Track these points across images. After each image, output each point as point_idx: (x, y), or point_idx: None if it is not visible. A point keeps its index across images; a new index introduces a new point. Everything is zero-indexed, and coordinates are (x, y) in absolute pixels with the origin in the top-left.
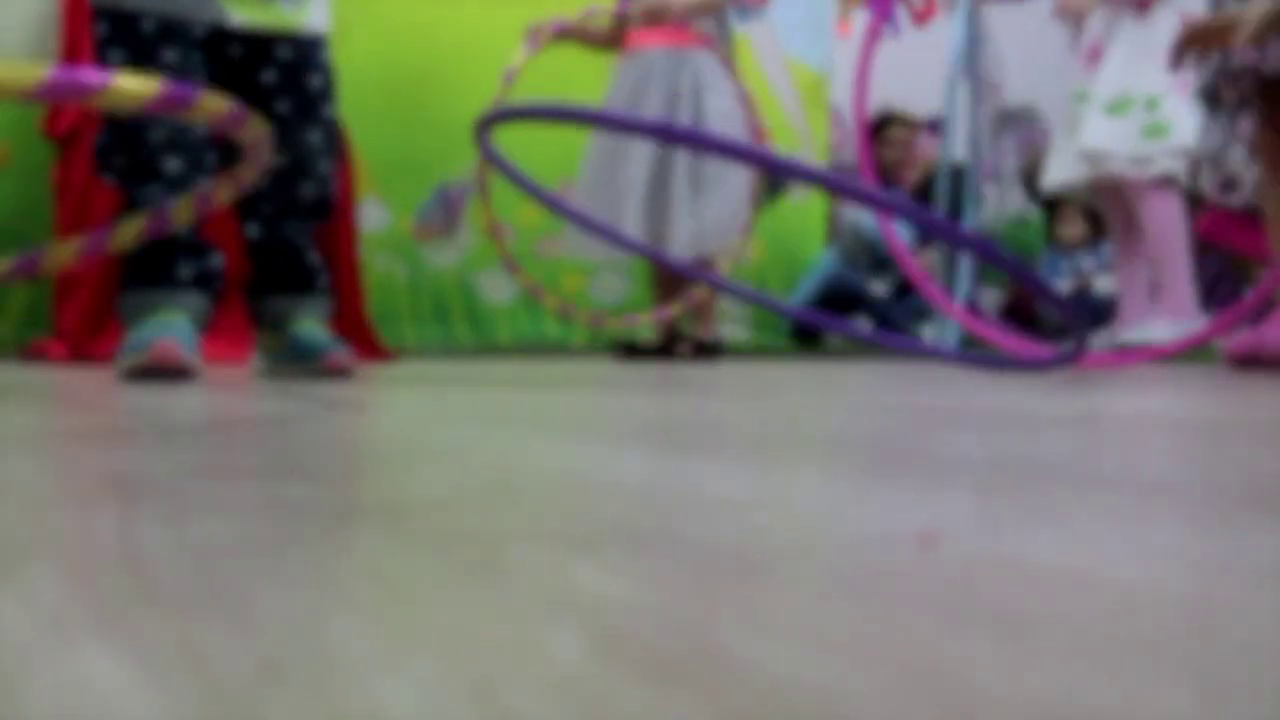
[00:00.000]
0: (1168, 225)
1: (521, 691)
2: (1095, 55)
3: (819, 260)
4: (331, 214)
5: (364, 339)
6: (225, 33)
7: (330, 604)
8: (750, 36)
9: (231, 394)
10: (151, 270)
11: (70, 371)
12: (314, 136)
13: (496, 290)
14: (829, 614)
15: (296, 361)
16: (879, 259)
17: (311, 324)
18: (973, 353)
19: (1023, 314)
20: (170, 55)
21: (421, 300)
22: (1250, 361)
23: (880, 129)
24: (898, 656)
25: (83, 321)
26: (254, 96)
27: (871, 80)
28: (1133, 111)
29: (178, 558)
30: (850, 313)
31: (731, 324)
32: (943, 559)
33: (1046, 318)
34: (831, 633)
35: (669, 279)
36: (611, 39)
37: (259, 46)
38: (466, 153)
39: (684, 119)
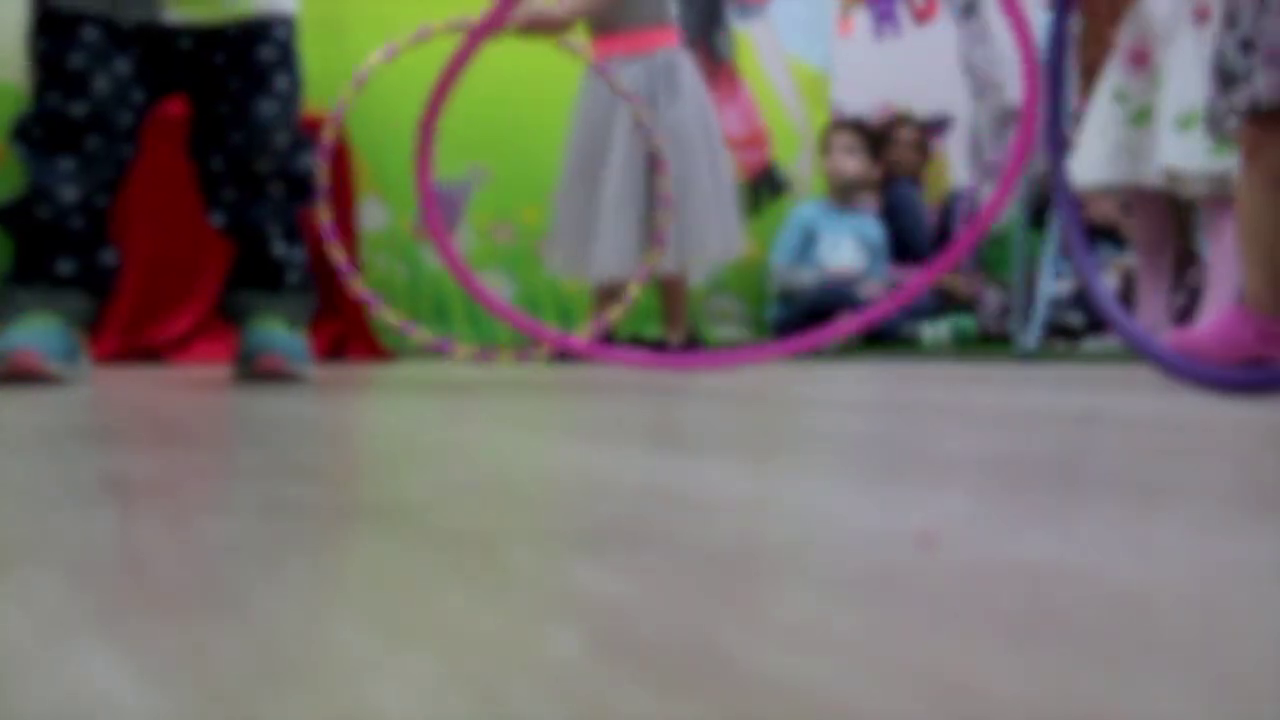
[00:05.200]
0: (1231, 244)
1: (521, 691)
2: (1139, 59)
3: (794, 214)
4: (308, 196)
5: (364, 339)
6: (167, 29)
7: (330, 604)
8: (750, 35)
9: (225, 394)
10: (28, 267)
11: None
12: (265, 108)
13: (496, 290)
14: (829, 614)
15: (241, 364)
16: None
17: (271, 323)
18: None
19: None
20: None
21: (421, 300)
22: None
23: (889, 130)
24: (898, 656)
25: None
26: (208, 82)
27: (873, 79)
28: (1198, 126)
29: (178, 558)
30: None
31: (727, 324)
32: (943, 559)
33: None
34: (831, 633)
35: (607, 285)
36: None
37: (208, 36)
38: (465, 152)
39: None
